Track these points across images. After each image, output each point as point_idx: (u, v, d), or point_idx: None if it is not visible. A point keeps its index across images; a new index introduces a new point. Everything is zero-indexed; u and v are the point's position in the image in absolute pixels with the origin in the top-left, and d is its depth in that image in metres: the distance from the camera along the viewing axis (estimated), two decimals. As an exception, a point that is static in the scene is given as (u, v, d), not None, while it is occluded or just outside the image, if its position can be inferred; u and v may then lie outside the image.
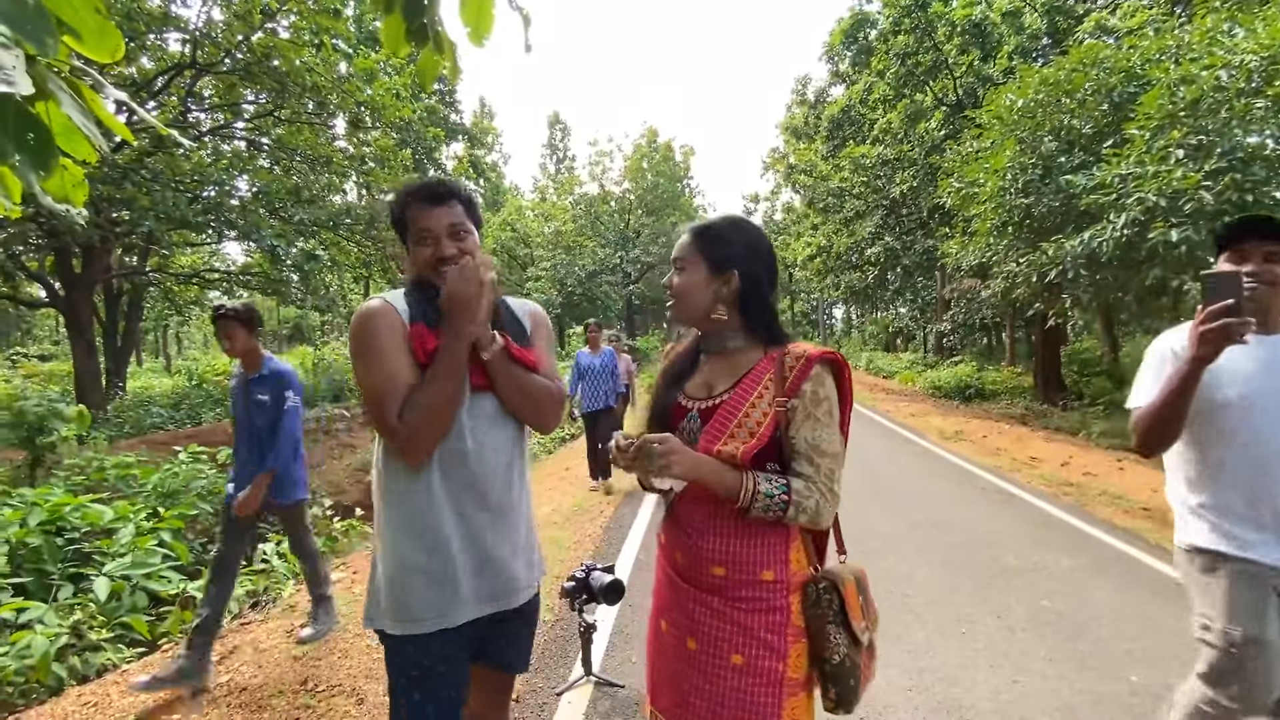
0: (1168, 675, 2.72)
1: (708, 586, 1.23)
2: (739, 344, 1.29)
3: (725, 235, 1.28)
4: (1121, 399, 8.57)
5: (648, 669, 1.37)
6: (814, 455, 1.18)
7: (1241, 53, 6.61)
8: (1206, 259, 6.50)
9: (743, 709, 1.17)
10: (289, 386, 2.91)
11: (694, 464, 1.16)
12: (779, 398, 1.20)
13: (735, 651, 1.19)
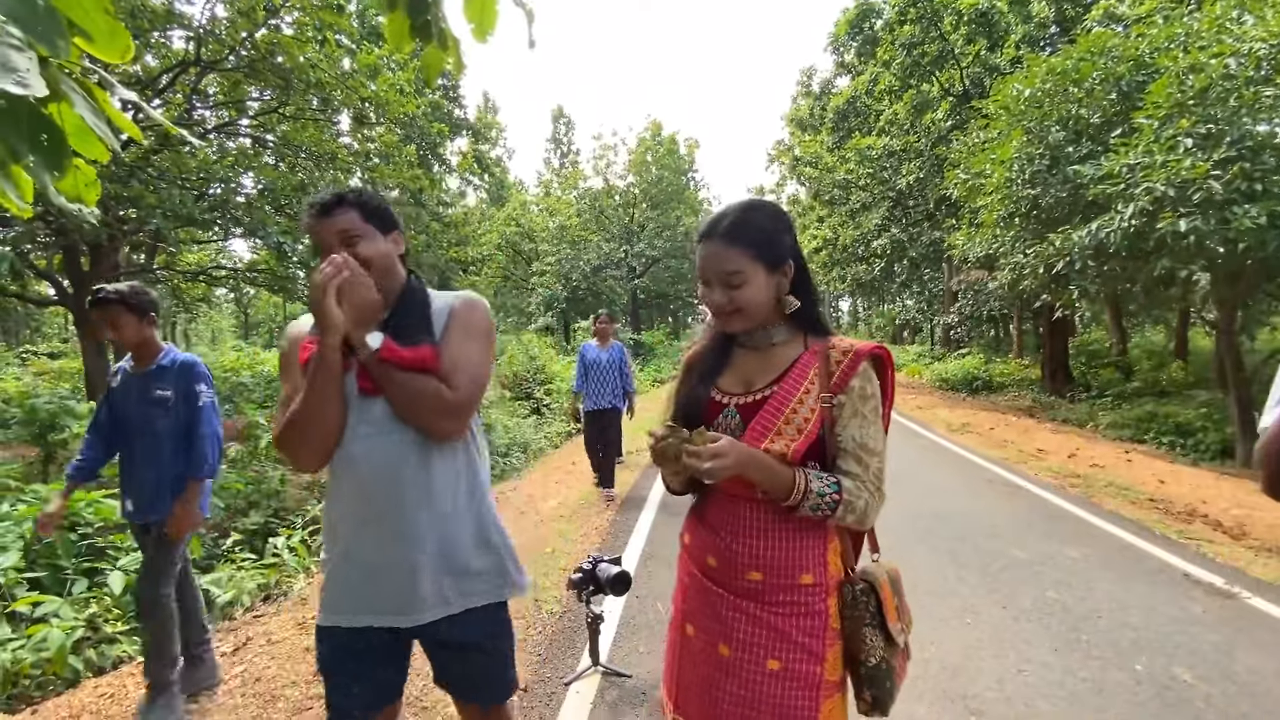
0: (1171, 664, 2.73)
1: (743, 592, 1.19)
2: (783, 337, 1.24)
3: (771, 225, 1.20)
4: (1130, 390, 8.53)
5: (669, 674, 1.32)
6: (862, 454, 1.16)
7: (1250, 40, 6.54)
8: (1216, 249, 6.45)
9: (779, 714, 1.14)
10: (199, 379, 2.49)
11: (747, 460, 1.10)
12: (825, 394, 1.16)
13: (772, 657, 1.16)
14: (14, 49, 1.02)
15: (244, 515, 6.06)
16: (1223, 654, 2.83)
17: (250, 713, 2.47)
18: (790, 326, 1.25)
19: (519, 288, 30.93)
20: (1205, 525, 4.85)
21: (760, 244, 1.17)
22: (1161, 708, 2.43)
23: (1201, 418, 9.17)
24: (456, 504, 1.35)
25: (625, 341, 24.42)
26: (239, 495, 6.19)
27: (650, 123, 29.34)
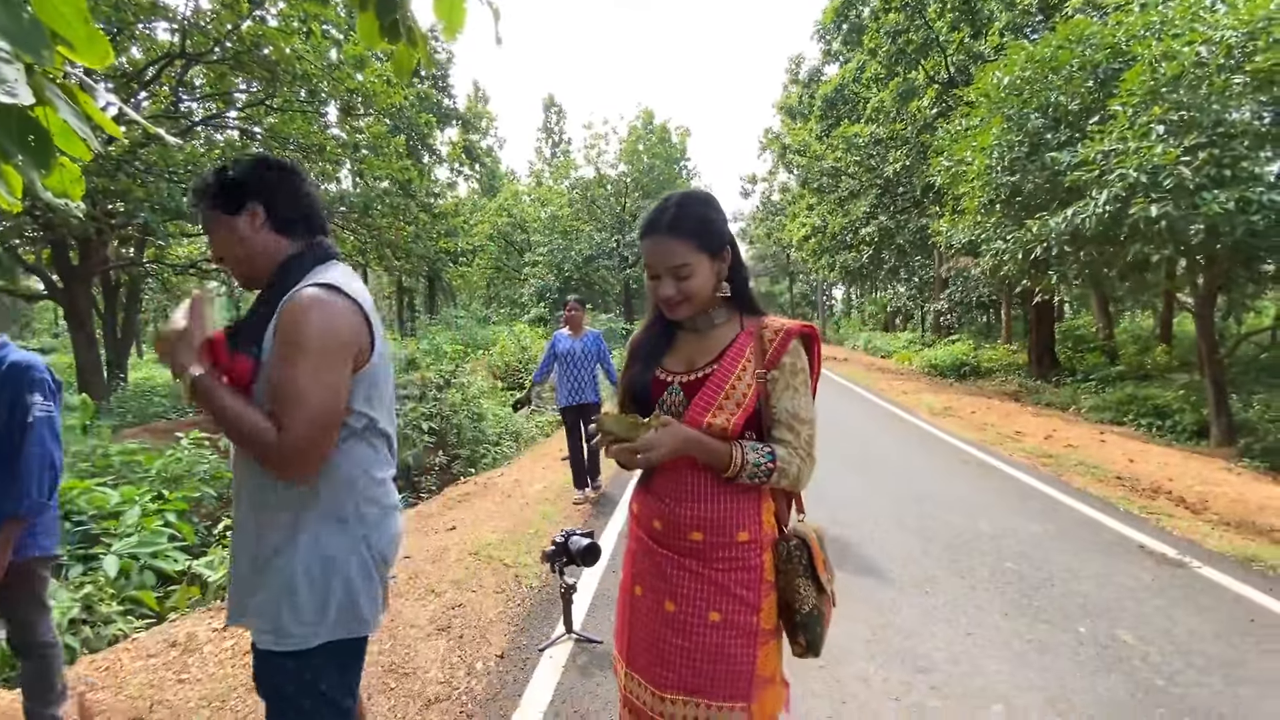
0: (1115, 626, 2.90)
1: (686, 551, 1.29)
2: (723, 319, 1.35)
3: (707, 214, 1.30)
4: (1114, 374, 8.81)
5: (620, 634, 1.42)
6: (794, 423, 1.27)
7: (1222, 28, 6.64)
8: (1187, 234, 6.60)
9: (720, 660, 1.25)
10: (33, 386, 1.95)
11: (685, 440, 1.22)
12: (760, 370, 1.27)
13: (713, 609, 1.26)
14: (3, 61, 1.13)
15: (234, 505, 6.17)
16: (1165, 617, 3.00)
17: (240, 679, 2.60)
18: (728, 308, 1.35)
19: (511, 279, 30.94)
20: (1168, 501, 5.03)
21: (701, 233, 1.27)
22: (1100, 665, 2.60)
23: (1180, 400, 9.37)
24: (259, 526, 1.23)
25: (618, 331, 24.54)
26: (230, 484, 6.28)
27: (641, 111, 29.28)
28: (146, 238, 11.79)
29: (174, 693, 2.53)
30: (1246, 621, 2.97)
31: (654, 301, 1.38)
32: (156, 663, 2.76)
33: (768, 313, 1.37)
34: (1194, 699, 2.36)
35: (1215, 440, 7.78)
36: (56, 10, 1.38)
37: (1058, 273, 8.76)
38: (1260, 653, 2.68)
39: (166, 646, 2.93)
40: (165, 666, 2.73)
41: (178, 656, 2.82)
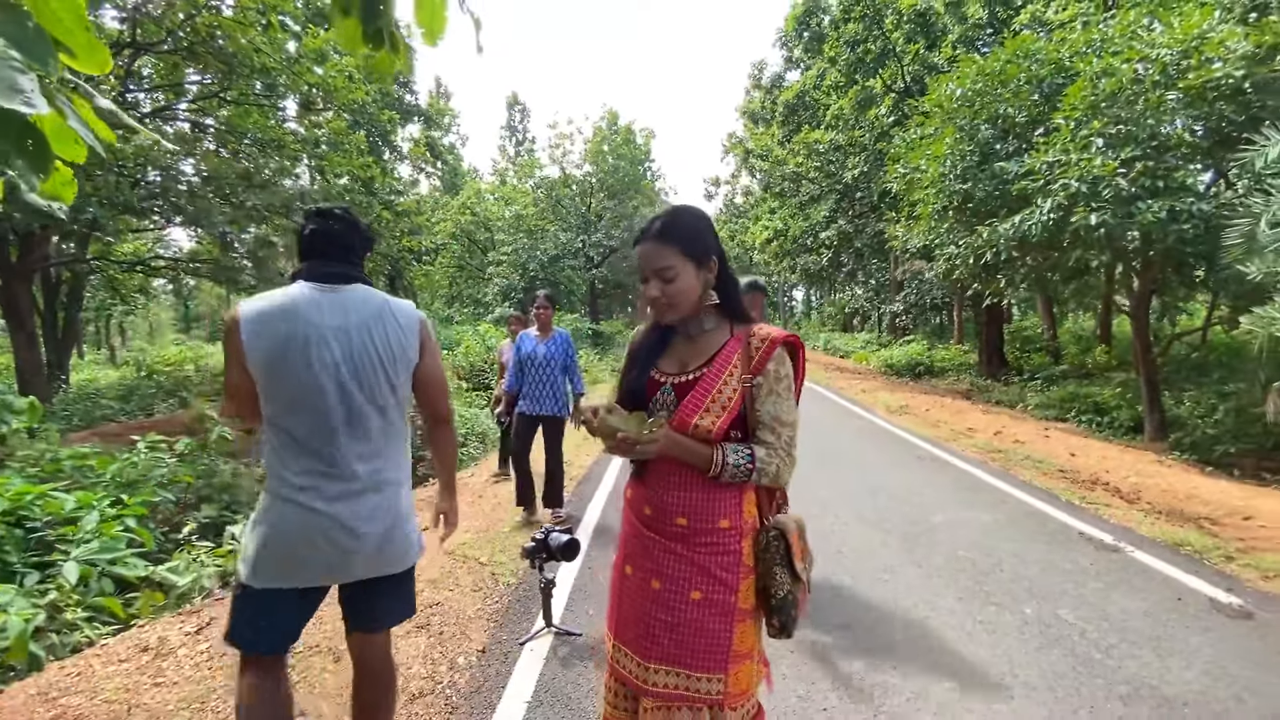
0: (1057, 607, 3.13)
1: (672, 535, 1.41)
2: (713, 325, 1.46)
3: (696, 226, 1.41)
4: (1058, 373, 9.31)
5: (610, 609, 1.55)
6: (776, 425, 1.37)
7: (1158, 47, 7.08)
8: (1124, 241, 7.03)
9: (700, 634, 1.37)
10: None
11: (672, 445, 1.34)
12: (746, 375, 1.37)
13: (694, 588, 1.38)
14: (17, 71, 1.16)
15: (195, 509, 6.02)
16: (1101, 598, 3.25)
17: (219, 681, 2.60)
18: (718, 316, 1.46)
19: (474, 278, 30.61)
20: (1105, 492, 5.38)
21: (687, 241, 1.38)
22: (1044, 642, 2.81)
23: (1117, 397, 9.95)
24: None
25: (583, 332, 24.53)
26: (189, 489, 6.12)
27: (606, 112, 29.33)
28: (94, 233, 11.34)
29: (151, 696, 2.51)
30: (1174, 600, 3.24)
31: (644, 304, 1.48)
32: (129, 667, 2.73)
33: (756, 321, 1.48)
34: (1127, 670, 2.58)
35: (1149, 435, 8.29)
36: (57, 18, 1.41)
37: (1006, 277, 9.21)
38: (1185, 628, 2.93)
39: (138, 651, 2.89)
40: (139, 671, 2.70)
41: (151, 661, 2.79)
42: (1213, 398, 8.57)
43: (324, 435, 1.59)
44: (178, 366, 16.51)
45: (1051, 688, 2.46)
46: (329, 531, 1.58)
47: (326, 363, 1.57)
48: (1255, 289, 5.98)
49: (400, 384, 1.69)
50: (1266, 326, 5.04)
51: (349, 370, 1.60)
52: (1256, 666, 2.61)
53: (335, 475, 1.60)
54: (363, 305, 1.65)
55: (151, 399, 12.54)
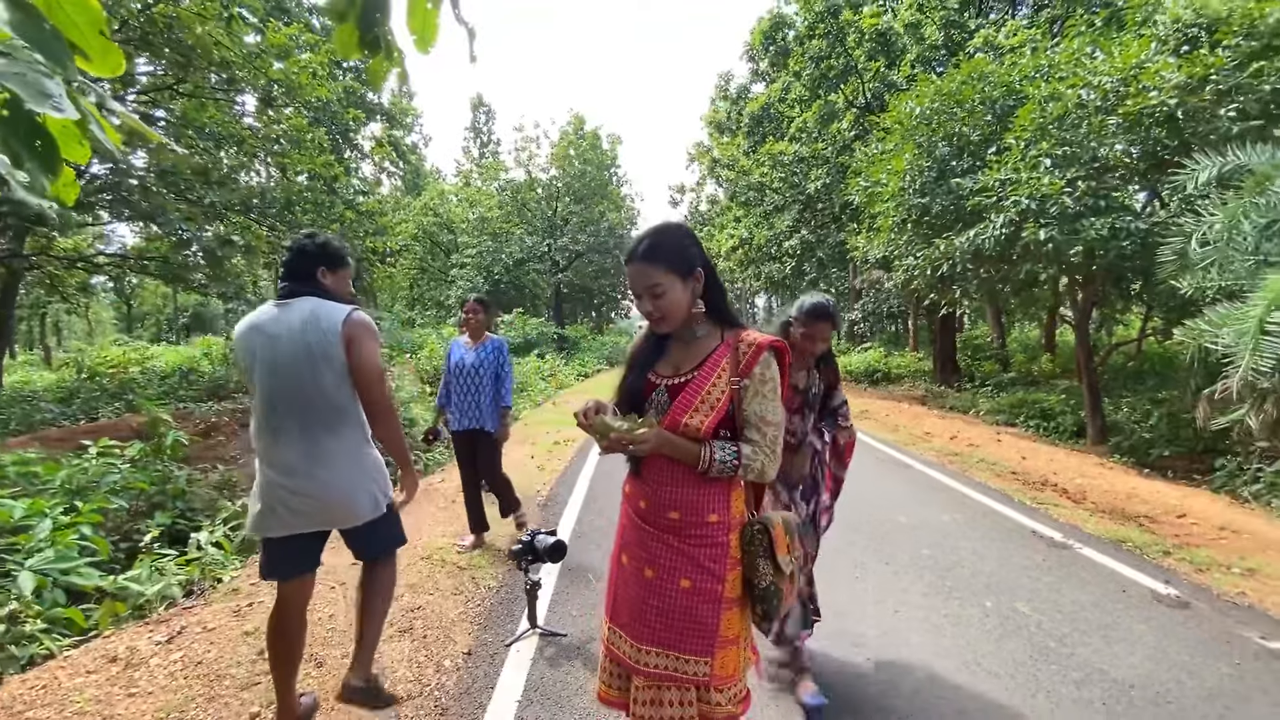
0: (1014, 600, 3.32)
1: (665, 527, 1.51)
2: (705, 331, 1.55)
3: (679, 243, 1.50)
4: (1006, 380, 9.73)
5: (608, 595, 1.66)
6: (761, 425, 1.46)
7: (1100, 74, 7.53)
8: (1069, 256, 7.45)
9: (689, 620, 1.48)
10: None
11: (664, 442, 1.43)
12: (734, 378, 1.46)
13: (684, 577, 1.48)
14: (44, 76, 1.17)
15: (147, 516, 5.81)
16: (1054, 591, 3.46)
17: (197, 690, 2.55)
18: (709, 322, 1.55)
19: (437, 280, 30.16)
20: (1054, 492, 5.69)
21: (672, 259, 1.47)
22: (1003, 633, 2.99)
23: (1062, 403, 10.48)
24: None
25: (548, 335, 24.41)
26: (141, 496, 5.90)
27: (573, 116, 29.38)
28: (36, 227, 10.78)
29: (125, 707, 2.45)
30: (1119, 592, 3.48)
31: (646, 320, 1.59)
32: (99, 678, 2.65)
33: (746, 327, 1.58)
34: (1079, 657, 2.77)
35: (1091, 439, 8.77)
36: (72, 22, 1.42)
37: (961, 288, 9.61)
38: (1130, 617, 3.16)
39: (106, 662, 2.81)
40: (110, 682, 2.63)
41: (121, 671, 2.72)
42: (1148, 404, 9.12)
43: (269, 420, 2.04)
44: (121, 368, 15.78)
45: (1012, 675, 2.63)
46: (280, 496, 2.03)
47: (266, 363, 2.03)
48: (1186, 303, 6.43)
49: (326, 377, 2.04)
50: (1196, 338, 5.40)
51: (284, 368, 2.02)
52: (1193, 651, 2.84)
53: (278, 452, 2.04)
54: (297, 314, 2.05)
55: (95, 402, 11.97)
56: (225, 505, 5.75)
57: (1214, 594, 3.49)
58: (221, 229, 10.94)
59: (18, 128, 1.34)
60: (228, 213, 10.89)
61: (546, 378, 17.24)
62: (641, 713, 1.51)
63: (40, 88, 1.15)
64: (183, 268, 12.03)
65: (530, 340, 22.62)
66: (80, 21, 1.42)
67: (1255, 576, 3.74)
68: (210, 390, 13.24)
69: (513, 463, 7.04)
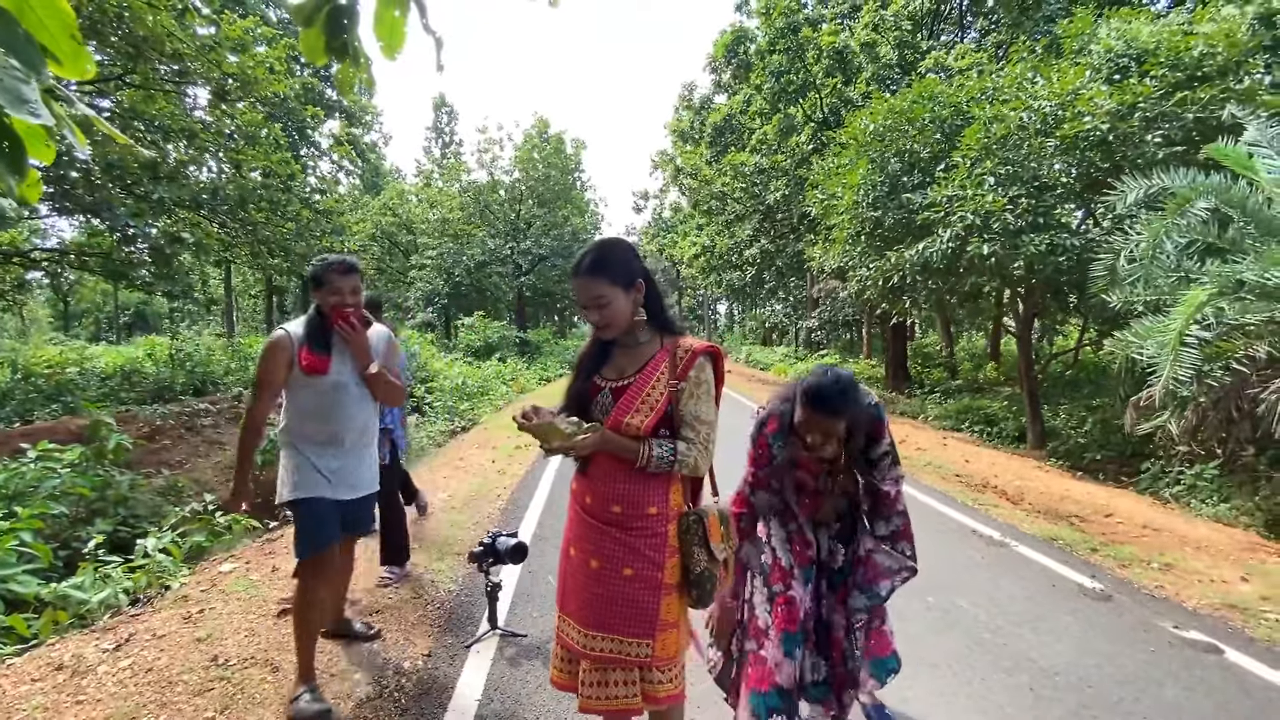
0: (954, 595, 3.52)
1: (608, 520, 1.64)
2: (647, 338, 1.68)
3: (621, 257, 1.62)
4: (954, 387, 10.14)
5: (559, 586, 1.78)
6: (696, 423, 1.61)
7: (1040, 98, 7.97)
8: (1011, 269, 7.85)
9: (631, 605, 1.61)
10: None
11: (605, 440, 1.58)
12: (672, 380, 1.60)
13: (627, 566, 1.62)
14: (20, 81, 1.19)
15: (87, 523, 5.59)
16: (991, 585, 3.68)
17: (149, 696, 2.51)
18: (651, 329, 1.69)
19: (396, 281, 29.60)
20: (994, 494, 5.99)
21: (615, 272, 1.59)
22: (944, 626, 3.16)
23: (1004, 410, 10.98)
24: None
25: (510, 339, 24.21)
26: (82, 501, 5.68)
27: (537, 119, 29.29)
28: (-38, 220, 10.19)
29: (74, 714, 2.40)
30: (1050, 587, 3.71)
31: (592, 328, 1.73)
32: (45, 686, 2.58)
33: (685, 333, 1.72)
34: (1012, 647, 2.96)
35: (1031, 443, 9.23)
36: (42, 25, 1.43)
37: (911, 298, 9.99)
38: (1057, 610, 3.38)
39: (51, 670, 2.73)
40: (56, 689, 2.56)
41: (68, 679, 2.65)
42: (1083, 411, 9.64)
43: None
44: (59, 368, 15.00)
45: (950, 665, 2.80)
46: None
47: None
48: (1116, 315, 6.87)
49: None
50: (1125, 349, 5.78)
51: None
52: (1114, 640, 3.07)
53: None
54: None
55: (30, 404, 11.37)
56: (172, 511, 5.57)
57: (1135, 587, 3.76)
58: (170, 225, 10.56)
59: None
60: (177, 208, 10.53)
61: (508, 381, 17.13)
62: (589, 693, 1.63)
63: (17, 93, 1.17)
64: (127, 264, 11.55)
65: (492, 344, 22.42)
66: (51, 25, 1.44)
67: (1172, 571, 4.04)
68: (154, 392, 12.74)
69: (474, 467, 7.03)
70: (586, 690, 1.63)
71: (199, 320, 31.19)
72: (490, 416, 11.92)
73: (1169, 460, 6.72)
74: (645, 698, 1.62)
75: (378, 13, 1.79)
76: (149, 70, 9.88)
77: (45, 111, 1.20)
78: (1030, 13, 12.64)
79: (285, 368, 2.37)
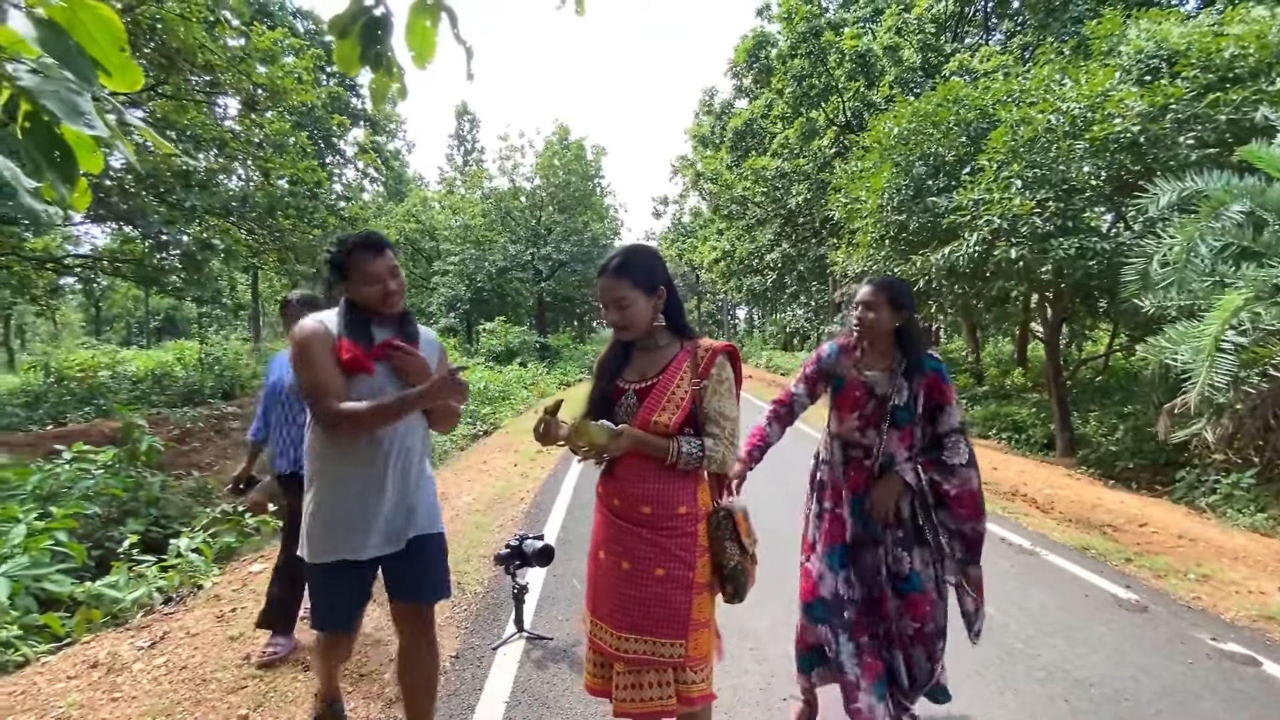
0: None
1: (638, 521, 1.66)
2: (666, 341, 1.74)
3: (647, 263, 1.68)
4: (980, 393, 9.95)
5: (588, 589, 1.79)
6: (720, 420, 1.66)
7: (1068, 100, 7.84)
8: (1039, 273, 7.72)
9: (664, 606, 1.62)
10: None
11: (636, 441, 1.61)
12: (694, 379, 1.65)
13: (658, 566, 1.64)
14: (75, 94, 1.23)
15: (119, 524, 5.73)
16: (1021, 594, 3.60)
17: (183, 694, 2.56)
18: (669, 334, 1.74)
19: (419, 287, 29.97)
20: (1023, 502, 5.87)
21: (639, 276, 1.65)
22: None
23: (1032, 416, 10.76)
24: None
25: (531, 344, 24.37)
26: (114, 502, 5.82)
27: (558, 126, 29.52)
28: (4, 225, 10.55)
29: (109, 711, 2.45)
30: (1082, 597, 3.63)
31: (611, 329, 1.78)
32: (81, 683, 2.65)
33: (702, 336, 1.77)
34: (1045, 657, 2.90)
35: (1060, 451, 9.04)
36: (93, 38, 1.48)
37: (936, 303, 9.86)
38: (1091, 620, 3.30)
39: (86, 668, 2.80)
40: (92, 687, 2.63)
41: (103, 676, 2.71)
42: (1114, 418, 9.42)
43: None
44: (91, 372, 15.42)
45: (981, 675, 2.74)
46: None
47: None
48: (1149, 320, 6.70)
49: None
50: (1158, 354, 5.65)
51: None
52: (1150, 652, 2.98)
53: None
54: None
55: (63, 407, 11.70)
56: (202, 512, 5.69)
57: (1171, 598, 3.66)
58: (201, 232, 10.83)
59: (38, 140, 1.40)
60: (208, 215, 10.79)
61: (529, 386, 17.23)
62: (623, 696, 1.64)
63: (72, 105, 1.22)
64: (158, 270, 11.87)
65: (513, 348, 22.58)
66: (101, 38, 1.48)
67: (1209, 582, 3.92)
68: (184, 396, 13.04)
69: (497, 470, 7.07)
70: (621, 693, 1.64)
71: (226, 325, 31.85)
72: (512, 420, 12.00)
73: (1204, 469, 6.53)
74: (680, 699, 1.63)
75: (410, 23, 1.83)
76: (181, 81, 10.17)
77: (100, 122, 1.24)
78: (1057, 14, 12.45)
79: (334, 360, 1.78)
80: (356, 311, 1.88)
